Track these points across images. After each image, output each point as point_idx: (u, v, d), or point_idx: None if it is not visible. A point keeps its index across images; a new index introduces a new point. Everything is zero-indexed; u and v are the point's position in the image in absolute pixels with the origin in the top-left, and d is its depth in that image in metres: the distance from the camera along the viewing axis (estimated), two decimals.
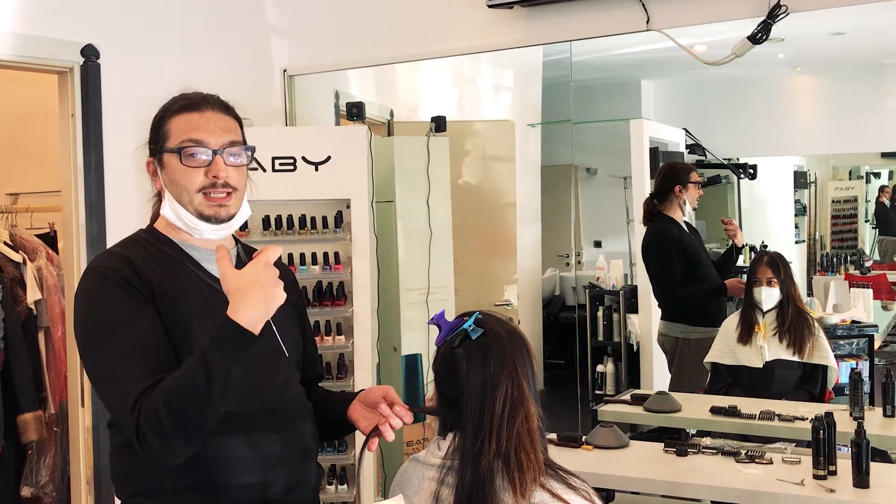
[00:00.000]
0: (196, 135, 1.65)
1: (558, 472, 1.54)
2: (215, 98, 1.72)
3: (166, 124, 1.69)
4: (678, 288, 3.98)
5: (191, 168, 1.64)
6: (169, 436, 1.45)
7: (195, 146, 1.65)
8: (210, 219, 1.66)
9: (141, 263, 1.62)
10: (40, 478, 3.56)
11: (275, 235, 3.46)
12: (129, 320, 1.55)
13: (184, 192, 1.66)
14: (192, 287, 1.65)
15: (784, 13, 2.99)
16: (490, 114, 5.56)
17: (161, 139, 1.69)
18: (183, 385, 1.45)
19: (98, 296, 1.60)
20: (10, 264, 3.52)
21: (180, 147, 1.65)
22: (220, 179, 1.65)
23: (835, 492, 2.39)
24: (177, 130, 1.67)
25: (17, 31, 2.92)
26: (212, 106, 1.70)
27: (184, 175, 1.65)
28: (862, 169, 5.38)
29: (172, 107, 1.70)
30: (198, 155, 1.65)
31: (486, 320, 1.59)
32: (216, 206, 1.66)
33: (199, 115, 1.67)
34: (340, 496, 3.40)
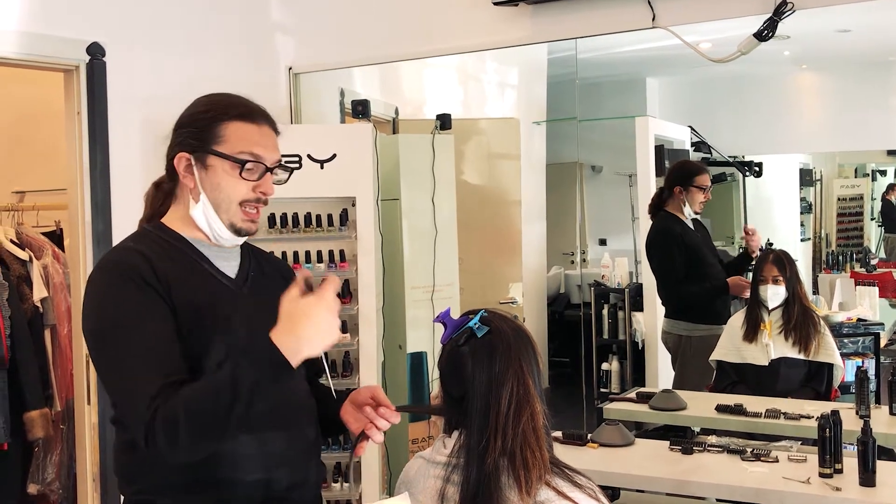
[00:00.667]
0: (258, 150, 1.66)
1: (564, 470, 1.54)
2: (267, 112, 1.73)
3: (220, 127, 1.66)
4: (680, 285, 3.97)
5: (238, 179, 1.65)
6: (180, 441, 1.45)
7: (255, 161, 1.65)
8: (240, 231, 1.68)
9: (156, 259, 1.61)
10: (47, 475, 3.58)
11: (280, 233, 3.46)
12: (145, 319, 1.55)
13: (225, 199, 1.65)
14: (204, 284, 1.66)
15: (790, 10, 2.98)
16: (495, 111, 5.56)
17: (211, 140, 1.66)
18: (207, 396, 1.45)
19: (113, 292, 1.58)
20: (16, 262, 3.53)
21: (242, 159, 1.65)
22: (266, 196, 1.68)
23: (841, 490, 2.38)
24: (235, 139, 1.65)
25: (23, 30, 2.93)
26: (267, 121, 1.71)
27: (231, 184, 1.65)
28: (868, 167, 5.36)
29: (229, 111, 1.68)
30: (256, 170, 1.66)
31: (491, 318, 1.59)
32: (249, 222, 1.68)
33: (258, 130, 1.68)
34: (345, 493, 3.40)
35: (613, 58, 4.61)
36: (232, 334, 1.64)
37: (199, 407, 1.45)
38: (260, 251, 1.85)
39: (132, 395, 1.50)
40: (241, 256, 1.76)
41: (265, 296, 1.73)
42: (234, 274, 1.72)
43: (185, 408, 1.45)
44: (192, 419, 1.44)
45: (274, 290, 1.76)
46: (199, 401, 1.45)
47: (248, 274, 1.74)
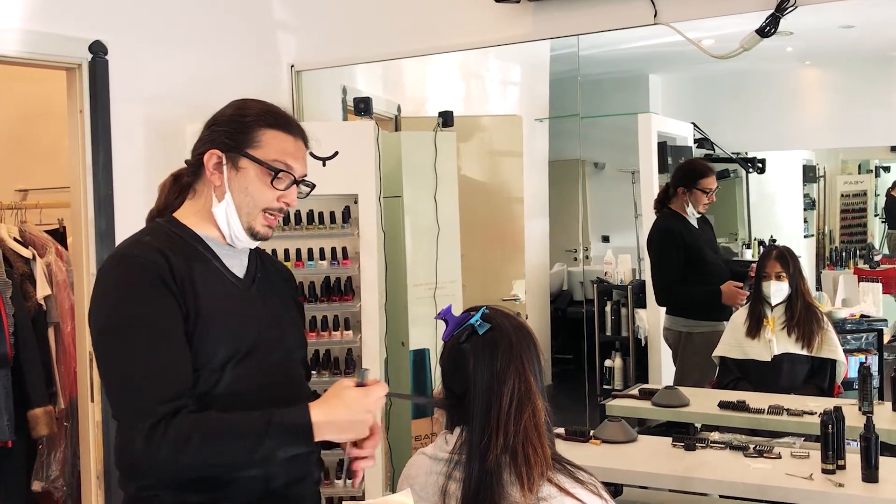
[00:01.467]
0: (291, 161, 1.68)
1: (566, 467, 1.54)
2: (302, 127, 1.76)
3: (258, 132, 1.67)
4: (674, 286, 3.97)
5: (273, 189, 1.67)
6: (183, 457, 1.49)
7: (288, 172, 1.68)
8: (257, 235, 1.69)
9: (173, 256, 1.61)
10: (51, 472, 3.58)
11: (283, 230, 3.46)
12: (159, 318, 1.55)
13: (249, 203, 1.67)
14: (215, 283, 1.66)
15: (792, 6, 2.98)
16: (497, 109, 5.56)
17: (246, 143, 1.67)
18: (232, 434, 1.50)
19: (129, 285, 1.57)
20: (19, 260, 3.54)
21: (277, 168, 1.66)
22: (291, 207, 1.71)
23: (844, 486, 2.38)
24: (272, 147, 1.67)
25: (26, 28, 2.93)
26: (302, 135, 1.74)
27: (259, 190, 1.67)
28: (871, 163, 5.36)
29: (267, 118, 1.69)
30: (285, 180, 1.68)
31: (493, 315, 1.59)
32: (267, 227, 1.70)
33: (294, 143, 1.71)
34: (348, 490, 3.41)
35: (616, 54, 4.60)
36: (240, 335, 1.64)
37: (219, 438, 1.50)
38: (262, 252, 1.86)
39: (138, 395, 1.51)
40: (249, 257, 1.77)
41: (269, 297, 1.75)
42: (243, 274, 1.73)
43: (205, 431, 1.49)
44: (206, 444, 1.49)
45: (276, 292, 1.78)
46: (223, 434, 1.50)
47: (255, 275, 1.75)
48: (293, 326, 1.80)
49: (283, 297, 1.81)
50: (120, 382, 1.55)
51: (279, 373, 1.69)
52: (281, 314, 1.77)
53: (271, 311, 1.74)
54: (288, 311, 1.80)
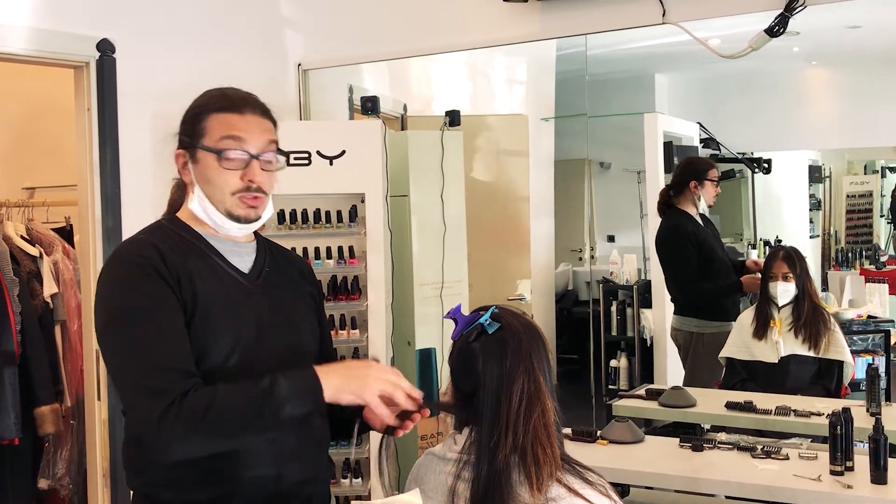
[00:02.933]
0: (240, 136, 1.66)
1: (575, 467, 1.54)
2: (255, 99, 1.72)
3: (204, 120, 1.68)
4: (694, 283, 3.96)
5: (228, 170, 1.65)
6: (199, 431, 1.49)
7: (234, 149, 1.65)
8: (240, 219, 1.68)
9: (168, 252, 1.63)
10: (57, 470, 3.59)
11: (289, 229, 3.47)
12: (157, 310, 1.56)
13: (217, 191, 1.66)
14: (215, 278, 1.66)
15: (802, 5, 2.97)
16: (503, 108, 5.55)
17: (197, 134, 1.68)
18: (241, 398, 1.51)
19: (126, 281, 1.60)
20: (26, 258, 3.55)
21: (220, 148, 1.65)
22: (255, 184, 1.66)
23: (852, 488, 2.37)
24: (216, 129, 1.66)
25: (34, 26, 2.94)
26: (252, 108, 1.70)
27: (219, 175, 1.66)
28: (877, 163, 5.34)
29: (212, 104, 1.69)
30: (236, 158, 1.65)
31: (502, 314, 1.59)
32: (247, 208, 1.67)
33: (240, 118, 1.68)
34: (355, 489, 3.41)
35: (622, 54, 4.59)
36: (241, 329, 1.64)
37: (229, 405, 1.50)
38: (278, 247, 1.86)
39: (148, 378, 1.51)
40: (258, 252, 1.76)
41: (278, 291, 1.74)
42: (248, 269, 1.72)
43: (216, 403, 1.49)
44: (220, 412, 1.48)
45: (288, 286, 1.77)
46: (232, 400, 1.50)
47: (262, 269, 1.74)
48: (305, 321, 1.79)
49: (296, 292, 1.80)
50: (127, 371, 1.56)
51: (286, 366, 1.68)
52: (292, 308, 1.76)
53: (279, 305, 1.73)
54: (301, 306, 1.79)
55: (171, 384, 1.50)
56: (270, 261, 1.78)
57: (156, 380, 1.50)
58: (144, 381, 1.52)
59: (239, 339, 1.63)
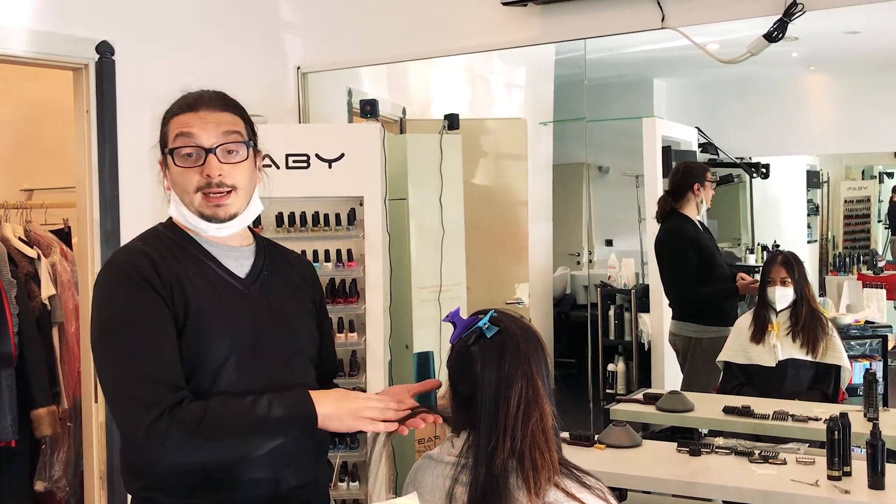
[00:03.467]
0: (187, 132, 1.65)
1: (573, 471, 1.54)
2: (213, 94, 1.70)
3: (167, 125, 1.69)
4: (693, 287, 3.97)
5: (185, 168, 1.64)
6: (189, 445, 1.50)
7: (186, 146, 1.64)
8: (210, 218, 1.66)
9: (160, 259, 1.62)
10: (54, 472, 3.58)
11: (288, 232, 3.46)
12: (145, 321, 1.56)
13: (183, 192, 1.66)
14: (208, 283, 1.66)
15: (800, 11, 2.98)
16: (502, 112, 5.56)
17: (163, 140, 1.70)
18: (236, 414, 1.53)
19: (116, 292, 1.60)
20: (24, 260, 3.54)
21: (172, 147, 1.65)
22: (214, 179, 1.64)
23: (850, 493, 2.37)
24: (173, 132, 1.67)
25: (33, 28, 2.94)
26: (207, 103, 1.68)
27: (181, 175, 1.65)
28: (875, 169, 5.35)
29: (173, 108, 1.70)
30: (189, 155, 1.64)
31: (501, 318, 1.59)
32: (214, 207, 1.65)
33: (194, 115, 1.67)
34: (352, 493, 3.40)
35: (621, 58, 4.60)
36: (236, 333, 1.64)
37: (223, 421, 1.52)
38: (280, 250, 1.85)
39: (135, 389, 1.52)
40: (256, 256, 1.75)
41: (276, 295, 1.73)
42: (245, 273, 1.72)
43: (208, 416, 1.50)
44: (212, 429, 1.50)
45: (287, 290, 1.76)
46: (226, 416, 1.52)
47: (259, 273, 1.73)
48: (304, 325, 1.78)
49: (296, 296, 1.79)
50: (116, 381, 1.56)
51: (284, 371, 1.68)
52: (290, 312, 1.75)
53: (277, 309, 1.72)
54: (300, 310, 1.78)
55: (160, 396, 1.50)
56: (269, 264, 1.77)
57: (144, 391, 1.50)
58: (132, 393, 1.52)
59: (234, 343, 1.63)
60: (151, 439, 1.48)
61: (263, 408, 1.53)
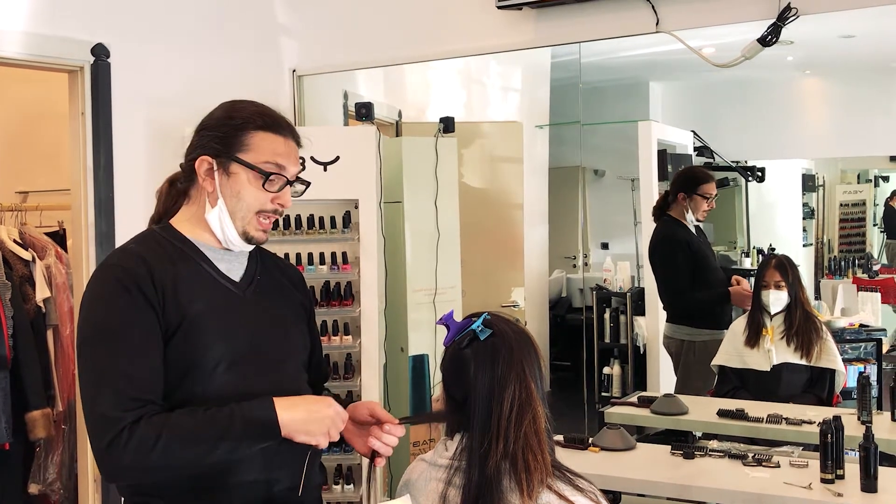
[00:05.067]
0: (282, 162, 1.66)
1: (565, 474, 1.54)
2: (291, 124, 1.73)
3: (247, 136, 1.66)
4: (684, 292, 3.97)
5: (266, 192, 1.66)
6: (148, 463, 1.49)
7: (279, 174, 1.66)
8: (251, 240, 1.69)
9: (157, 264, 1.62)
10: (48, 475, 3.57)
11: (283, 235, 3.47)
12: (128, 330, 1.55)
13: (243, 207, 1.66)
14: (206, 288, 1.66)
15: (794, 15, 2.99)
16: (498, 115, 5.56)
17: (236, 147, 1.66)
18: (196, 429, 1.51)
19: (104, 297, 1.60)
20: (19, 262, 3.53)
21: (267, 171, 1.65)
22: (284, 208, 1.69)
23: (843, 496, 2.38)
24: (261, 149, 1.66)
25: (28, 30, 2.94)
26: (292, 134, 1.71)
27: (252, 194, 1.66)
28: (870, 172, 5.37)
29: (255, 120, 1.67)
30: (278, 182, 1.66)
31: (494, 321, 1.59)
32: (262, 232, 1.69)
33: (285, 143, 1.69)
34: (347, 496, 3.40)
35: (617, 62, 4.61)
36: (232, 337, 1.64)
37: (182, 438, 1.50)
38: (269, 255, 1.85)
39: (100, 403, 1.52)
40: (249, 259, 1.76)
41: (269, 299, 1.74)
42: (239, 277, 1.72)
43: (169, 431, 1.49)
44: (172, 443, 1.49)
45: (279, 294, 1.77)
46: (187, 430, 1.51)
47: (253, 277, 1.74)
48: (296, 329, 1.78)
49: (287, 300, 1.80)
50: (85, 394, 1.56)
51: (277, 375, 1.68)
52: (283, 317, 1.76)
53: (270, 313, 1.73)
54: (292, 314, 1.79)
55: (123, 412, 1.49)
56: (261, 269, 1.77)
57: (108, 406, 1.50)
58: (98, 407, 1.52)
59: (230, 346, 1.63)
60: (111, 456, 1.49)
61: (224, 418, 1.52)
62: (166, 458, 1.49)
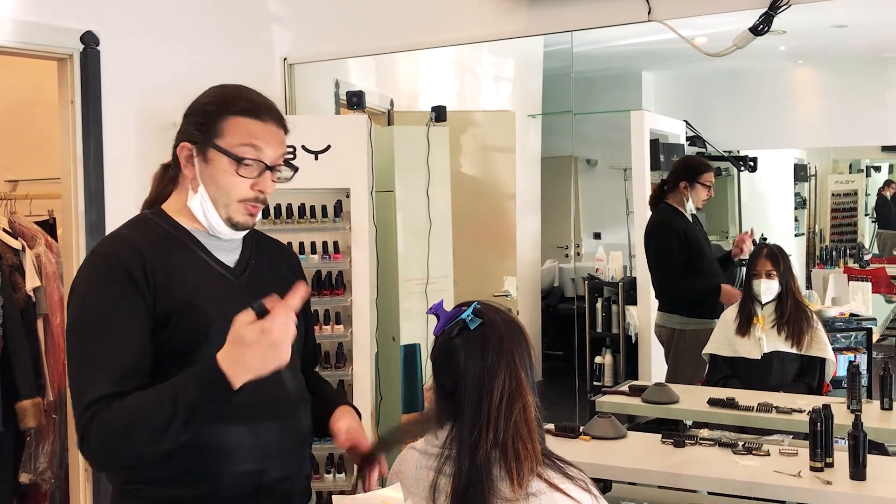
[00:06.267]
0: (261, 147, 1.63)
1: (555, 462, 1.54)
2: (275, 107, 1.70)
3: (223, 121, 1.64)
4: (676, 280, 3.98)
5: (241, 177, 1.63)
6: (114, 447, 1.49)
7: (253, 158, 1.63)
8: (237, 225, 1.66)
9: (149, 250, 1.61)
10: (39, 464, 3.56)
11: (274, 224, 3.46)
12: (115, 318, 1.55)
13: (223, 194, 1.64)
14: (199, 275, 1.65)
15: (786, 5, 2.99)
16: (490, 104, 5.56)
17: (213, 133, 1.64)
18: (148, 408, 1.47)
19: (92, 284, 1.59)
20: (9, 251, 3.52)
21: (240, 156, 1.62)
22: (265, 195, 1.66)
23: (831, 484, 2.39)
24: (235, 133, 1.63)
25: (17, 18, 2.92)
26: (273, 118, 1.67)
27: (230, 181, 1.63)
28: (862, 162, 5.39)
29: (233, 105, 1.65)
30: (254, 168, 1.63)
31: (484, 310, 1.59)
32: (248, 216, 1.66)
33: (262, 126, 1.65)
34: (338, 484, 3.41)
35: (609, 51, 4.61)
36: (226, 323, 1.63)
37: (139, 417, 1.47)
38: (267, 239, 1.84)
39: (79, 391, 1.52)
40: (244, 245, 1.74)
41: (264, 286, 1.72)
42: (234, 263, 1.71)
43: (126, 418, 1.47)
44: (130, 427, 1.47)
45: (274, 280, 1.74)
46: (140, 411, 1.48)
47: (248, 263, 1.73)
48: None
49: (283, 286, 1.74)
50: (71, 379, 1.56)
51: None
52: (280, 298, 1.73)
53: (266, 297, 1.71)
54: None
55: (95, 402, 1.49)
56: (257, 254, 1.76)
57: (84, 393, 1.50)
58: (77, 395, 1.52)
59: (224, 332, 1.62)
60: (84, 444, 1.50)
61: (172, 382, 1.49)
62: (129, 439, 1.48)
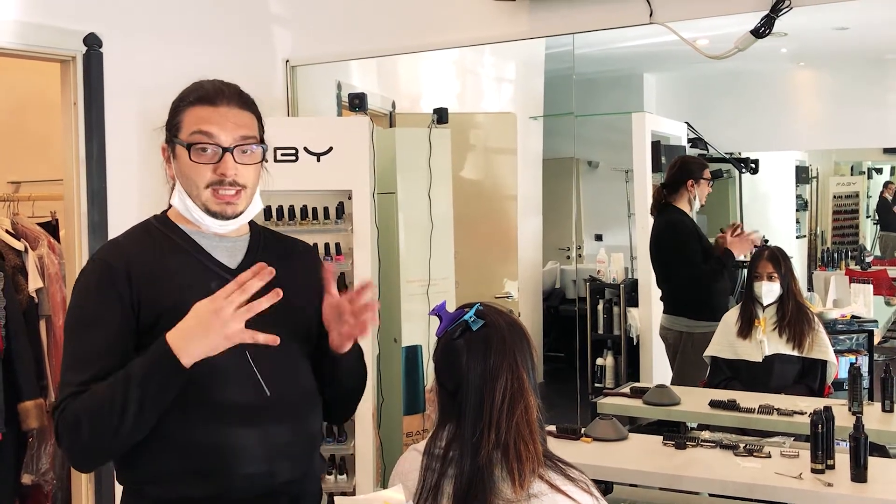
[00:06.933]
0: (210, 130, 1.63)
1: (557, 464, 1.55)
2: (233, 90, 1.69)
3: (181, 114, 1.66)
4: (700, 277, 3.94)
5: (199, 164, 1.63)
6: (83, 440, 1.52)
7: (205, 143, 1.63)
8: (216, 215, 1.66)
9: (140, 256, 1.63)
10: (41, 465, 3.57)
11: (276, 225, 3.46)
12: (93, 325, 1.59)
13: (192, 185, 1.65)
14: (193, 275, 1.65)
15: (787, 7, 2.99)
16: (492, 106, 5.55)
17: (174, 129, 1.67)
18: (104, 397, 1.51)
19: (81, 291, 1.65)
20: (11, 252, 3.53)
21: (190, 143, 1.63)
22: (228, 178, 1.64)
23: (833, 486, 2.39)
24: (189, 123, 1.65)
25: (21, 20, 2.92)
26: (228, 99, 1.66)
27: (192, 169, 1.64)
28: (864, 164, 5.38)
29: (189, 97, 1.67)
30: (207, 151, 1.63)
31: (486, 312, 1.60)
32: (223, 204, 1.65)
33: (213, 110, 1.65)
34: (340, 486, 3.41)
35: (611, 53, 4.60)
36: None
37: (94, 403, 1.51)
38: (280, 238, 1.83)
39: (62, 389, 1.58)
40: (249, 246, 1.74)
41: (268, 286, 1.70)
42: (236, 265, 1.70)
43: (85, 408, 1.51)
44: (91, 419, 1.51)
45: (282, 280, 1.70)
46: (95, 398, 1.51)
47: (252, 264, 1.71)
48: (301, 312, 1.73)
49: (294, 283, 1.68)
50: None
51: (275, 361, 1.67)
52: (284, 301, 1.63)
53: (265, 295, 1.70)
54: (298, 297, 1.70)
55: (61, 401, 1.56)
56: (264, 255, 1.71)
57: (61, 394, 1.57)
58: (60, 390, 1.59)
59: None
60: (60, 445, 1.57)
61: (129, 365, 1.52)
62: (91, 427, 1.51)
